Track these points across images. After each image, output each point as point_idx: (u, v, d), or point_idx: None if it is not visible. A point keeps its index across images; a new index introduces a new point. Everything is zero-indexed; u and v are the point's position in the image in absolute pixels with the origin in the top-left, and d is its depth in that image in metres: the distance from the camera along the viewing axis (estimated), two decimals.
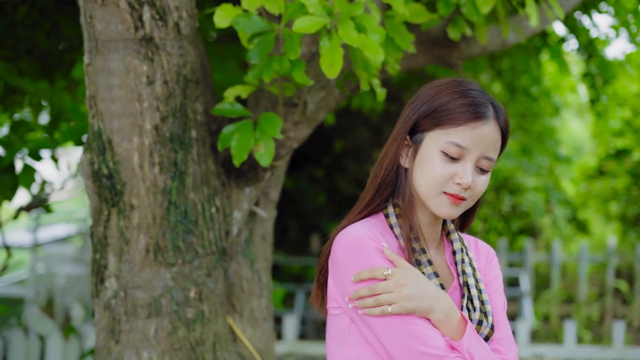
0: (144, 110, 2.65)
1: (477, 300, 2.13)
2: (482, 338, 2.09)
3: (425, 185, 2.07)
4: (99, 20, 2.60)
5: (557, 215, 11.09)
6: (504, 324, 2.19)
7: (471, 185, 2.04)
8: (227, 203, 2.91)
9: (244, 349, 2.97)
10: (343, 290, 2.06)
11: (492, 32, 3.42)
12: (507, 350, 2.15)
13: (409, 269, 2.00)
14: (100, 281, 2.75)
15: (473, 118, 2.04)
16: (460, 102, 2.05)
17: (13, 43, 5.46)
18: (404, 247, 2.11)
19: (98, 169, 2.69)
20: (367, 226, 2.09)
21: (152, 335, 2.71)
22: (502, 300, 2.24)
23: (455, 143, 2.03)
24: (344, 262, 2.05)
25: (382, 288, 1.97)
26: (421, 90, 2.16)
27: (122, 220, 2.69)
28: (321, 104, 2.99)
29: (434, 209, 2.08)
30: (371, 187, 2.17)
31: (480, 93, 2.10)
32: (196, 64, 2.78)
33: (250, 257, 3.07)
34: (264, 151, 2.65)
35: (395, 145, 2.14)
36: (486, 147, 2.06)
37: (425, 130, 2.08)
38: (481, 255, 2.31)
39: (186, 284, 2.73)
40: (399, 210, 2.15)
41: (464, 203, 2.07)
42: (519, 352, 5.34)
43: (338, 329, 2.12)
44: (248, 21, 2.53)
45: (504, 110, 2.14)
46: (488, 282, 2.25)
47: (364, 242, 2.04)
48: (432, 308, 1.97)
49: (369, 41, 2.45)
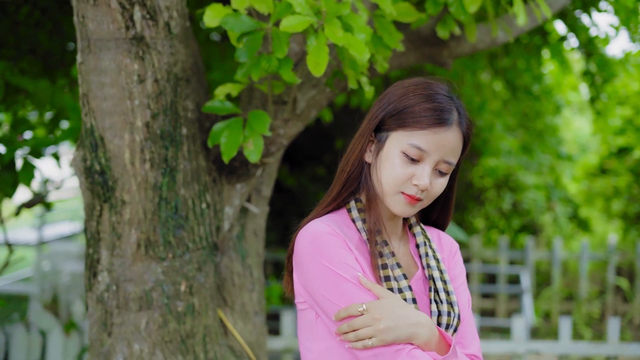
0: (135, 107, 2.71)
1: (442, 293, 2.19)
2: (452, 329, 2.15)
3: (385, 184, 2.13)
4: (91, 20, 2.65)
5: (558, 213, 11.11)
6: (469, 319, 2.26)
7: (428, 187, 2.10)
8: (218, 199, 2.97)
9: (234, 342, 3.02)
10: (306, 285, 2.13)
11: (482, 30, 3.46)
12: (470, 344, 2.22)
13: (384, 300, 2.03)
14: (93, 275, 2.81)
15: (436, 123, 2.09)
16: (425, 106, 2.11)
17: (15, 42, 5.52)
18: (366, 240, 2.16)
19: (90, 165, 2.75)
20: (328, 222, 2.15)
21: (143, 328, 2.76)
22: (467, 295, 2.30)
23: (416, 146, 2.09)
24: (306, 258, 2.12)
25: (360, 323, 2.01)
26: (391, 88, 2.22)
27: (114, 216, 2.75)
28: (312, 102, 3.04)
29: (390, 207, 2.15)
30: (338, 181, 2.24)
31: (447, 98, 2.15)
32: (187, 62, 2.84)
33: (241, 252, 3.13)
34: (252, 148, 2.70)
35: (361, 141, 2.19)
36: (446, 152, 2.12)
37: (389, 130, 2.14)
38: (444, 248, 2.36)
39: (177, 277, 2.79)
40: (360, 204, 2.22)
41: (419, 203, 2.14)
42: (515, 348, 5.38)
43: (306, 323, 2.19)
44: (237, 20, 2.58)
45: (468, 117, 2.19)
46: (453, 277, 2.31)
47: (325, 238, 2.10)
48: (413, 335, 2.01)
49: (355, 40, 2.50)
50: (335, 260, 2.07)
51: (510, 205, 10.95)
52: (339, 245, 2.10)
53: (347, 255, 2.09)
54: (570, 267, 10.60)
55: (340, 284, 2.05)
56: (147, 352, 2.76)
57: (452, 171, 2.21)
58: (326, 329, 2.13)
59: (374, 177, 2.18)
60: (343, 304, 2.04)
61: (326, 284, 2.07)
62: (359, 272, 2.06)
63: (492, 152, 10.27)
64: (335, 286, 2.06)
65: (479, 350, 2.23)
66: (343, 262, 2.07)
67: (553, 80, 10.97)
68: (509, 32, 3.39)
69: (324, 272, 2.07)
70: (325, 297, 2.07)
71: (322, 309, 2.10)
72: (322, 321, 2.13)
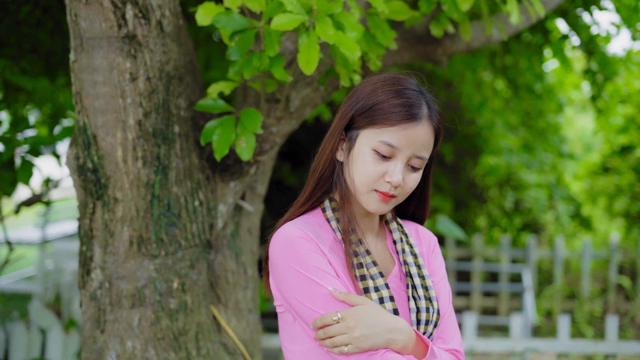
0: (127, 106, 2.72)
1: (420, 289, 2.19)
2: (432, 324, 2.16)
3: (357, 182, 2.13)
4: (83, 18, 2.67)
5: (560, 212, 11.10)
6: (450, 314, 2.26)
7: (401, 184, 2.10)
8: (212, 197, 2.98)
9: (227, 339, 3.03)
10: (281, 289, 2.14)
11: (476, 29, 3.47)
12: (450, 340, 2.23)
13: (359, 307, 2.04)
14: (86, 272, 2.83)
15: (405, 119, 2.09)
16: (394, 102, 2.10)
17: (17, 42, 5.53)
18: (340, 240, 2.17)
19: (83, 163, 2.76)
20: (302, 225, 2.15)
21: (135, 325, 2.78)
22: (447, 289, 2.30)
23: (387, 143, 2.08)
24: (279, 263, 2.12)
25: (334, 331, 2.02)
26: (360, 85, 2.21)
27: (107, 213, 2.77)
28: (307, 100, 3.06)
29: (364, 205, 2.15)
30: (311, 181, 2.24)
31: (417, 92, 2.15)
32: (180, 60, 2.85)
33: (235, 250, 3.14)
34: (244, 146, 2.72)
35: (332, 140, 2.19)
36: (417, 147, 2.11)
37: (360, 128, 2.14)
38: (423, 242, 2.36)
39: (169, 275, 2.80)
40: (335, 204, 2.22)
41: (393, 200, 2.14)
42: (514, 346, 5.39)
43: (286, 325, 2.20)
44: (229, 19, 2.60)
45: (438, 110, 2.19)
46: (432, 272, 2.31)
47: (297, 242, 2.10)
48: (389, 341, 2.02)
49: (346, 38, 2.51)
50: (307, 265, 2.08)
51: (512, 204, 10.95)
52: (310, 249, 2.10)
53: (319, 259, 2.09)
54: (572, 265, 10.59)
55: (313, 289, 2.06)
56: (139, 348, 2.78)
57: (425, 165, 2.22)
58: (304, 331, 2.14)
59: (346, 176, 2.18)
60: (317, 308, 2.05)
61: (300, 289, 2.08)
62: (330, 285, 2.05)
63: (493, 151, 10.27)
64: (308, 291, 2.07)
65: (459, 345, 2.24)
66: (315, 267, 2.08)
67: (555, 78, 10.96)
68: (503, 31, 3.40)
69: (297, 277, 2.08)
70: (300, 302, 2.08)
71: (297, 313, 2.11)
72: (300, 324, 2.14)
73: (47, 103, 5.75)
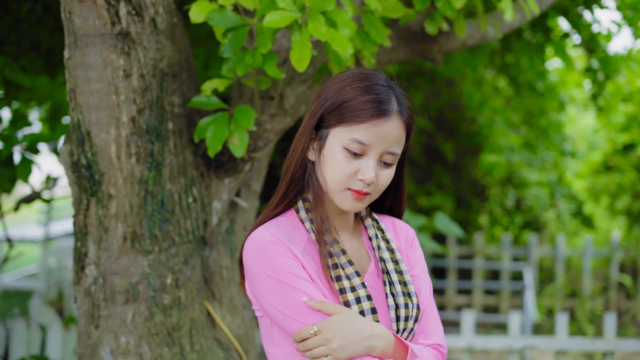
0: (121, 102, 2.74)
1: (398, 285, 2.17)
2: (412, 319, 2.15)
3: (330, 181, 2.11)
4: (77, 15, 2.68)
5: (561, 210, 11.11)
6: (431, 308, 2.24)
7: (374, 181, 2.08)
8: (206, 193, 2.99)
9: (222, 335, 3.05)
10: (255, 295, 2.14)
11: (471, 26, 3.47)
12: (432, 334, 2.21)
13: (334, 317, 2.03)
14: (81, 268, 2.84)
15: (375, 115, 2.07)
16: (363, 98, 2.08)
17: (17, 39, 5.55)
18: (314, 241, 2.16)
19: (77, 159, 2.78)
20: (274, 228, 2.14)
21: (129, 321, 2.80)
22: (428, 282, 2.28)
23: (358, 140, 2.06)
24: (252, 269, 2.12)
25: (313, 344, 2.02)
26: (328, 83, 2.19)
27: (101, 209, 2.78)
28: (302, 97, 3.07)
29: (338, 204, 2.13)
30: (283, 182, 2.22)
31: (386, 88, 2.12)
32: (174, 58, 2.87)
33: (230, 247, 3.15)
34: (238, 142, 2.73)
35: (302, 140, 2.17)
36: (389, 143, 2.09)
37: (329, 126, 2.11)
38: (400, 236, 2.34)
39: (163, 271, 2.82)
40: (308, 204, 2.20)
41: (367, 197, 2.12)
42: (512, 344, 5.40)
43: (265, 329, 2.21)
44: (222, 16, 2.61)
45: (408, 105, 2.16)
46: (411, 266, 2.29)
47: (268, 248, 2.09)
48: (368, 349, 2.02)
49: (338, 35, 2.52)
50: (280, 271, 2.07)
51: (514, 202, 10.96)
52: (282, 253, 2.09)
53: (292, 264, 2.08)
54: (573, 263, 10.60)
55: (286, 295, 2.06)
56: (133, 344, 2.80)
57: (399, 159, 2.20)
58: (282, 335, 2.14)
59: (318, 175, 2.16)
60: (292, 314, 2.05)
61: (273, 295, 2.08)
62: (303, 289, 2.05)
63: (492, 149, 10.27)
64: (282, 297, 2.06)
65: (441, 339, 2.22)
66: (288, 272, 2.07)
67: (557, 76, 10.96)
68: (498, 28, 3.41)
69: (271, 283, 2.08)
70: (275, 308, 2.08)
71: (273, 318, 2.12)
72: (277, 328, 2.15)
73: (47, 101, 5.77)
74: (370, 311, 2.10)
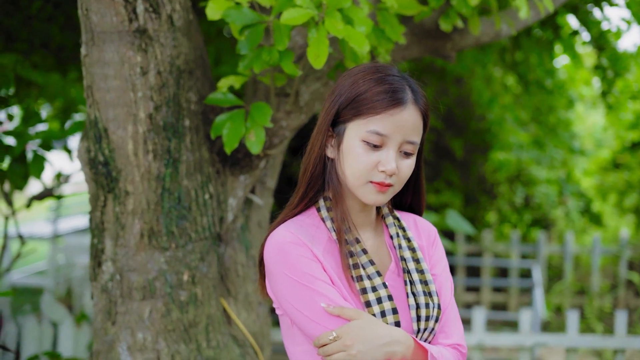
0: (138, 99, 2.75)
1: (419, 284, 2.17)
2: (433, 319, 2.14)
3: (351, 175, 2.11)
4: (94, 12, 2.69)
5: (570, 207, 11.09)
6: (452, 308, 2.24)
7: (395, 171, 2.08)
8: (222, 190, 3.00)
9: (237, 332, 3.05)
10: (276, 294, 2.15)
11: (485, 23, 3.47)
12: (452, 334, 2.21)
13: (353, 323, 2.02)
14: (97, 265, 2.86)
15: (391, 105, 2.06)
16: (377, 89, 2.08)
17: (28, 36, 5.57)
18: (335, 240, 2.15)
19: (94, 156, 2.79)
20: (294, 228, 2.14)
21: (146, 317, 2.81)
22: (449, 282, 2.28)
23: (376, 131, 2.06)
24: (273, 269, 2.12)
25: (332, 349, 2.02)
26: (340, 79, 2.19)
27: (118, 206, 2.79)
28: (316, 94, 3.07)
29: (362, 198, 2.12)
30: (302, 181, 2.21)
31: (398, 78, 2.12)
32: (190, 55, 2.87)
33: (245, 243, 3.16)
34: (254, 139, 2.74)
35: (319, 138, 2.16)
36: (407, 132, 2.09)
37: (346, 121, 2.11)
38: (422, 234, 2.33)
39: (180, 267, 2.83)
40: (329, 203, 2.19)
41: (390, 189, 2.11)
42: (523, 341, 5.40)
43: (285, 327, 2.21)
44: (239, 13, 2.61)
45: (422, 93, 2.16)
46: (432, 265, 2.28)
47: (289, 248, 2.09)
48: (387, 354, 2.02)
49: (355, 32, 2.52)
50: (299, 272, 2.07)
51: (522, 200, 10.93)
52: (302, 254, 2.09)
53: (312, 265, 2.08)
54: (582, 261, 10.59)
55: (304, 296, 2.06)
56: (150, 340, 2.81)
57: (417, 151, 2.18)
58: (302, 334, 2.14)
59: (339, 172, 2.15)
60: (309, 314, 2.05)
61: (292, 295, 2.08)
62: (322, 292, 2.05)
63: (502, 147, 10.25)
64: (300, 297, 2.07)
65: (461, 338, 2.22)
66: (306, 273, 2.07)
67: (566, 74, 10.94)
68: (512, 26, 3.41)
69: (290, 284, 2.08)
70: (294, 307, 2.09)
71: (292, 318, 2.12)
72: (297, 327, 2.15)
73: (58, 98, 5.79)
74: (391, 311, 2.09)
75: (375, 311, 2.08)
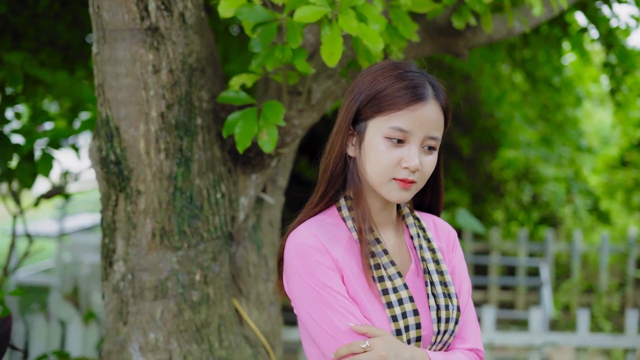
0: (150, 98, 2.72)
1: (439, 286, 2.16)
2: (453, 321, 2.13)
3: (374, 173, 2.09)
4: (106, 10, 2.67)
5: (578, 206, 11.05)
6: (469, 311, 2.24)
7: (419, 168, 2.06)
8: (234, 189, 2.98)
9: (249, 332, 3.04)
10: (291, 294, 2.14)
11: (498, 21, 3.45)
12: (469, 338, 2.20)
13: (384, 337, 2.02)
14: (109, 264, 2.84)
15: (412, 101, 2.06)
16: (397, 86, 2.07)
17: (35, 34, 5.56)
18: (356, 240, 2.14)
19: (106, 155, 2.77)
20: (316, 228, 2.13)
21: (158, 317, 2.78)
22: (467, 285, 2.27)
23: (398, 127, 2.05)
24: (291, 272, 2.11)
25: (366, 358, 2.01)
26: (359, 77, 2.17)
27: (130, 205, 2.77)
28: (328, 92, 3.05)
29: (385, 195, 2.11)
30: (322, 180, 2.19)
31: (418, 74, 2.12)
32: (202, 53, 2.85)
33: (257, 243, 3.14)
34: (267, 138, 2.71)
35: (340, 136, 2.15)
36: (429, 128, 2.08)
37: (367, 119, 2.10)
38: (442, 236, 2.32)
39: (192, 267, 2.81)
40: (350, 202, 2.18)
41: (414, 186, 2.09)
42: (533, 340, 5.38)
43: (303, 327, 2.19)
44: (251, 11, 2.59)
45: (443, 88, 2.16)
46: (452, 269, 2.27)
47: (309, 253, 2.08)
48: None
49: (369, 30, 2.50)
50: (314, 278, 2.06)
51: (530, 198, 10.90)
52: (320, 261, 2.08)
53: (328, 273, 2.07)
54: (590, 259, 10.55)
55: (314, 301, 2.06)
56: (162, 340, 2.79)
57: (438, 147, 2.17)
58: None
59: (360, 170, 2.14)
60: (324, 326, 2.04)
61: (304, 298, 2.08)
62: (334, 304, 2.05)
63: (511, 144, 10.22)
64: (312, 303, 2.07)
65: (479, 342, 2.22)
66: (321, 281, 2.06)
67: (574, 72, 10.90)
68: (525, 23, 3.38)
69: (304, 286, 2.08)
70: (305, 309, 2.08)
71: (305, 324, 2.11)
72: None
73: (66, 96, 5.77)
74: (412, 313, 2.09)
75: (396, 312, 2.07)
